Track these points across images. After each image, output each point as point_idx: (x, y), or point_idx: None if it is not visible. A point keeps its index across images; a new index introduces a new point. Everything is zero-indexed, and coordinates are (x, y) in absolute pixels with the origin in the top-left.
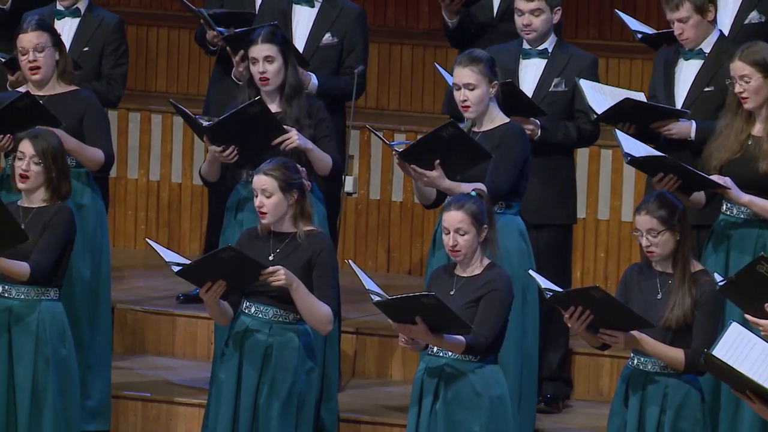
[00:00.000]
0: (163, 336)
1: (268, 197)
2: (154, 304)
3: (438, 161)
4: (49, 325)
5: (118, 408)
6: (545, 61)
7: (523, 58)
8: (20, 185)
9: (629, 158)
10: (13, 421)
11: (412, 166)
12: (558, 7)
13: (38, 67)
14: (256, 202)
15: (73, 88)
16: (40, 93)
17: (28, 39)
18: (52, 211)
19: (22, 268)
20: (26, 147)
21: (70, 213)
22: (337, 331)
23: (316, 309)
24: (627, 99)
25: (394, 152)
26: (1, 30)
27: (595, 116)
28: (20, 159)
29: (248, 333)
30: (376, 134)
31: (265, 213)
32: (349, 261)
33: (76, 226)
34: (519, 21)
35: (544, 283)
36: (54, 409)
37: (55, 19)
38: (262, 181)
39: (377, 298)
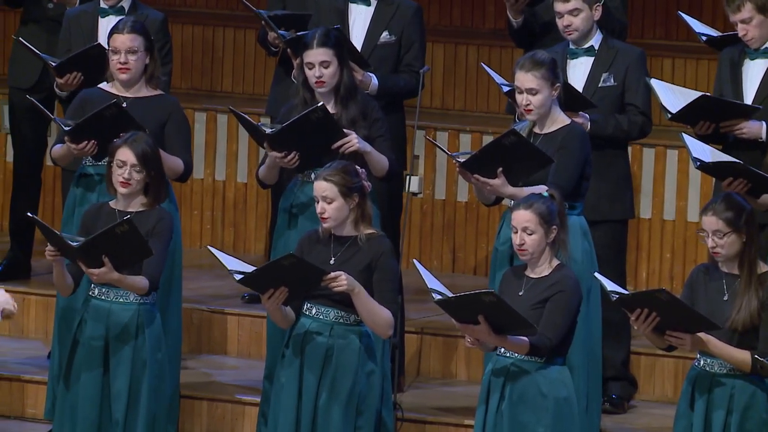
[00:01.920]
0: (228, 336)
1: (329, 203)
2: (220, 304)
3: (500, 169)
4: (148, 329)
5: (184, 408)
6: (592, 58)
7: (571, 58)
8: (122, 191)
9: (698, 163)
10: (107, 424)
11: (474, 175)
12: (598, 4)
13: (128, 69)
14: (318, 208)
15: (158, 92)
16: (126, 93)
17: (122, 40)
18: (153, 217)
19: (142, 283)
20: (126, 155)
21: (171, 218)
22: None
23: (376, 313)
24: (703, 96)
25: (456, 162)
26: (45, 23)
27: (669, 116)
28: (120, 167)
29: (309, 335)
30: (438, 146)
31: (327, 218)
32: (415, 260)
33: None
34: (559, 23)
35: (609, 285)
36: (147, 413)
37: (99, 17)
38: (322, 187)
39: (439, 297)
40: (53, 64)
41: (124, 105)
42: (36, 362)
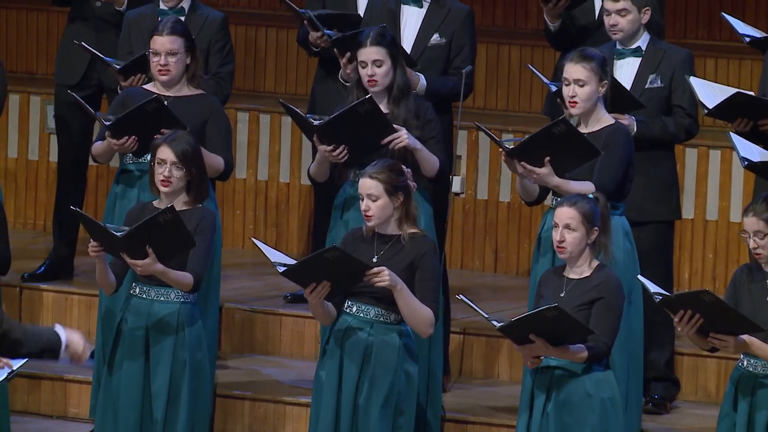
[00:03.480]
0: (270, 335)
1: (374, 201)
2: (262, 304)
3: (548, 158)
4: (188, 328)
5: (226, 407)
6: (639, 59)
7: (617, 59)
8: (163, 190)
9: (746, 163)
10: (148, 423)
11: (521, 162)
12: (647, 7)
13: (167, 72)
14: (362, 205)
15: (199, 92)
16: (167, 93)
17: (161, 42)
18: (197, 216)
19: (187, 278)
20: (166, 153)
21: (213, 216)
22: (441, 331)
23: (418, 312)
24: (739, 93)
25: (501, 150)
26: (104, 25)
27: (707, 111)
28: (160, 165)
29: (349, 331)
30: (484, 131)
31: (371, 216)
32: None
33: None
34: (606, 21)
35: (652, 287)
36: (188, 411)
37: (159, 19)
38: (368, 184)
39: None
40: (117, 66)
41: (165, 103)
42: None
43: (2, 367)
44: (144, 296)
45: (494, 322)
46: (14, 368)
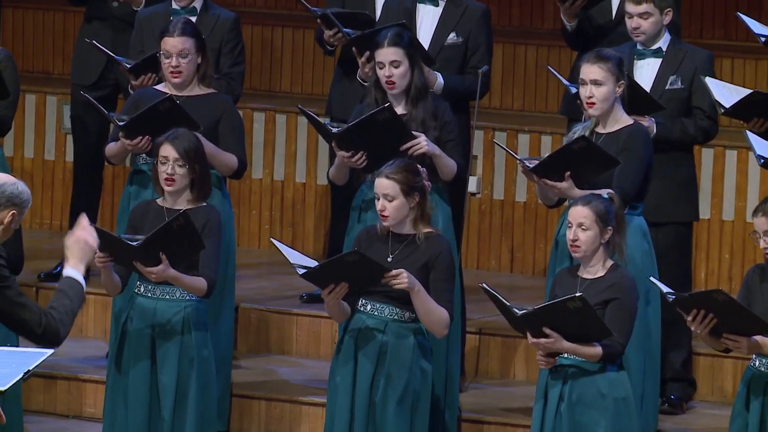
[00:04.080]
0: (286, 335)
1: (390, 201)
2: (278, 304)
3: (568, 173)
4: (194, 326)
5: (242, 407)
6: (660, 60)
7: (638, 59)
8: (167, 188)
9: (762, 161)
10: (156, 421)
11: (542, 179)
12: (669, 9)
13: (179, 73)
14: (378, 205)
15: (211, 91)
16: (179, 93)
17: (172, 44)
18: (202, 215)
19: (201, 283)
20: (168, 150)
21: (219, 215)
22: (458, 331)
23: (434, 313)
24: (756, 92)
25: (521, 166)
26: (118, 24)
27: (723, 110)
28: (163, 163)
29: (364, 330)
30: (504, 148)
31: (387, 216)
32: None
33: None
34: (629, 23)
35: (664, 288)
36: (197, 410)
37: (171, 18)
38: (384, 185)
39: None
40: (128, 66)
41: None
42: (94, 362)
43: None
44: (149, 295)
45: (515, 310)
46: (30, 368)
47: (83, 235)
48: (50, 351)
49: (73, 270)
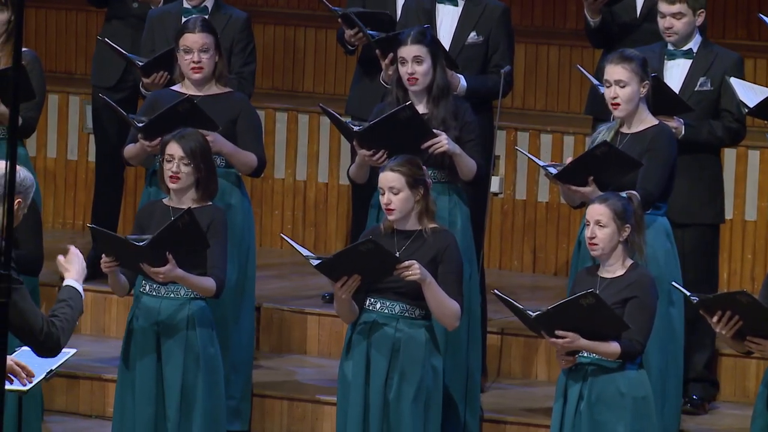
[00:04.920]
0: (308, 335)
1: (395, 194)
2: (300, 304)
3: (591, 178)
4: (199, 324)
5: (264, 407)
6: (690, 61)
7: (668, 59)
8: (172, 186)
9: None
10: (162, 420)
11: (566, 185)
12: (702, 10)
13: (201, 68)
14: (384, 199)
15: (227, 90)
16: (197, 93)
17: (194, 39)
18: (207, 215)
19: (209, 283)
20: (174, 149)
21: (224, 215)
22: (478, 330)
23: (445, 305)
24: None
25: (546, 174)
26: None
27: (747, 110)
28: (169, 161)
29: (376, 327)
30: (527, 155)
31: (393, 210)
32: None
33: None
34: (661, 23)
35: (687, 291)
36: (203, 409)
37: (183, 17)
38: (389, 178)
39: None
40: (140, 63)
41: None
42: (117, 362)
43: (26, 376)
44: (153, 293)
45: (529, 312)
46: (53, 368)
47: (78, 253)
48: (72, 351)
49: (74, 281)
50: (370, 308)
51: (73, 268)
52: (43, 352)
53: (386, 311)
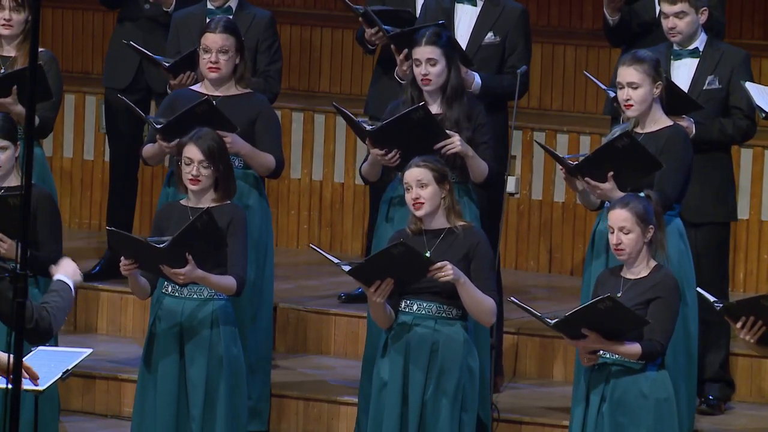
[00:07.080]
0: (324, 335)
1: (423, 188)
2: (317, 304)
3: (611, 173)
4: (222, 322)
5: (280, 407)
6: (697, 60)
7: (674, 59)
8: (192, 187)
9: None
10: (183, 421)
11: (585, 178)
12: (704, 8)
13: (218, 69)
14: (412, 194)
15: (247, 91)
16: (215, 93)
17: (213, 39)
18: (226, 214)
19: (230, 282)
20: (193, 152)
21: (244, 214)
22: (486, 330)
23: (481, 302)
24: None
25: (563, 172)
26: (151, 25)
27: (764, 115)
28: (187, 164)
29: (413, 328)
30: (545, 148)
31: (422, 203)
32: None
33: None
34: (664, 24)
35: (711, 297)
36: (226, 408)
37: (207, 18)
38: (416, 173)
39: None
40: (166, 64)
41: (214, 103)
42: (133, 361)
43: (29, 378)
44: (176, 294)
45: (548, 320)
46: (69, 368)
47: (71, 261)
48: (88, 351)
49: (63, 275)
50: (407, 310)
51: (63, 268)
52: (35, 339)
53: (423, 312)
